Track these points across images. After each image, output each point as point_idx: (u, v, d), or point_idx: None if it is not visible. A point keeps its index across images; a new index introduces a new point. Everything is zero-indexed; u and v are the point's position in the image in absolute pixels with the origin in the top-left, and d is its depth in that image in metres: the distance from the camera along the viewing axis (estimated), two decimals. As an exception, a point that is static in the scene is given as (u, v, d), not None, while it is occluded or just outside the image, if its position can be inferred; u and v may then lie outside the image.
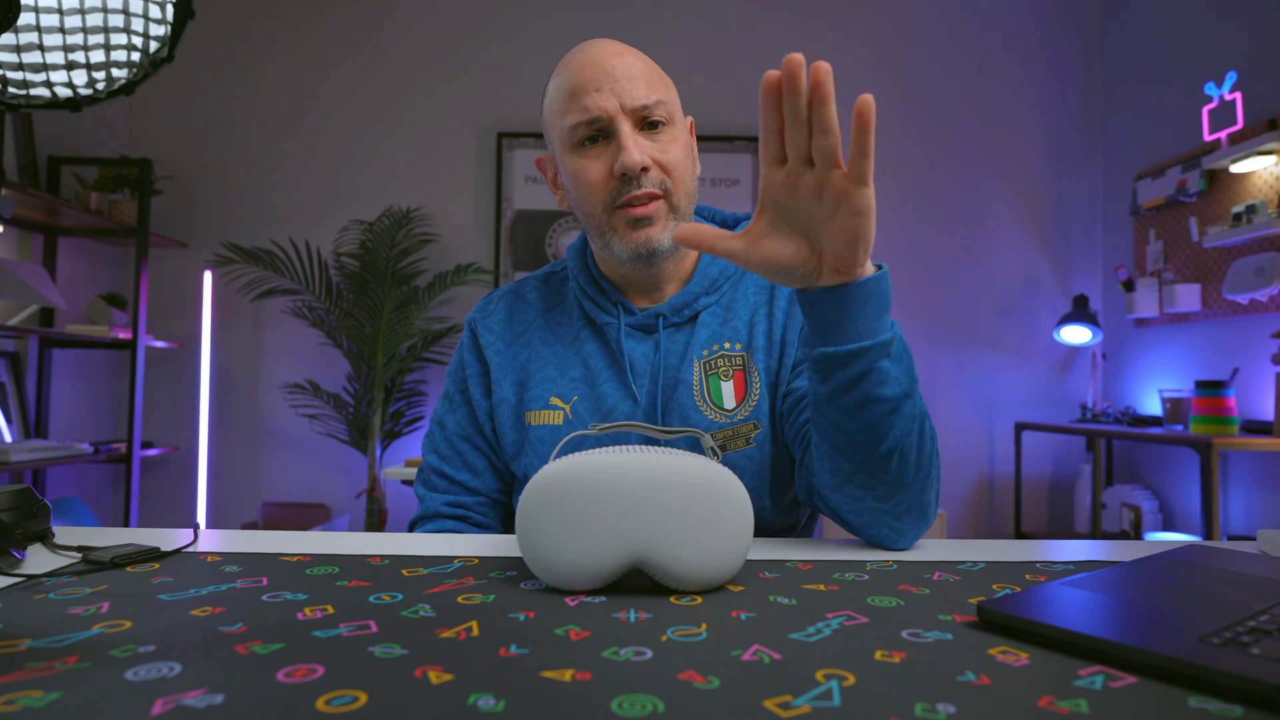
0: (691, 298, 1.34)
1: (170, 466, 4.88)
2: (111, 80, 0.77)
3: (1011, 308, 5.05)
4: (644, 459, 0.84)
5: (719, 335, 1.33)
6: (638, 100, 1.23)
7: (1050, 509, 5.05)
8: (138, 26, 0.76)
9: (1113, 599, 0.75)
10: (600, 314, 1.36)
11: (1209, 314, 4.11)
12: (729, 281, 1.37)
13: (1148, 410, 4.60)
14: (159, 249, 4.85)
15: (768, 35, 5.03)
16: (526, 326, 1.42)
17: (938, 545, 1.12)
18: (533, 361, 1.38)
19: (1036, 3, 5.16)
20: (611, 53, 1.26)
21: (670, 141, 1.26)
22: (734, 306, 1.35)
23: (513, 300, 1.46)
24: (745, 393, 1.29)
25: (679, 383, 1.29)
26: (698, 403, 1.28)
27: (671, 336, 1.34)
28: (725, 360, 1.31)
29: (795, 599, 0.82)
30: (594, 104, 1.23)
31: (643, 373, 1.32)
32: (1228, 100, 3.98)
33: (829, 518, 1.16)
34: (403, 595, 0.82)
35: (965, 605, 0.80)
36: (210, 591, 0.82)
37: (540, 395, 1.34)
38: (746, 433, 1.27)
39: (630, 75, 1.24)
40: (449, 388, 1.46)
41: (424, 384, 4.85)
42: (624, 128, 1.22)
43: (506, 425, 1.37)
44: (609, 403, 1.30)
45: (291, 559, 0.98)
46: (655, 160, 1.24)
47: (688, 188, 1.28)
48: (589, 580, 0.83)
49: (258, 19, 4.98)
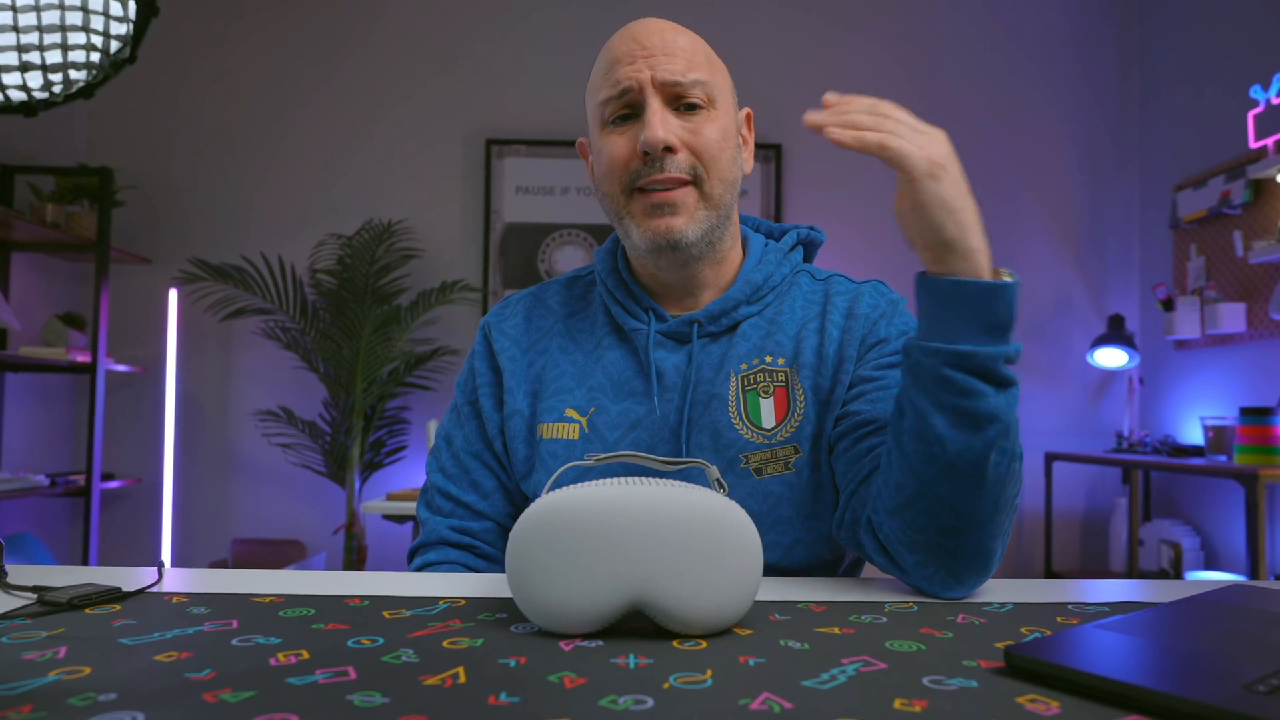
0: (731, 305, 1.32)
1: (133, 500, 4.87)
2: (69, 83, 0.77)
3: (1041, 329, 5.06)
4: (644, 491, 0.84)
5: (761, 349, 1.30)
6: (670, 75, 1.22)
7: (1083, 546, 5.04)
8: (97, 25, 0.76)
9: (1151, 643, 0.75)
10: (629, 320, 1.34)
11: (1255, 335, 4.12)
12: (774, 292, 1.36)
13: (1188, 439, 4.60)
14: (120, 265, 4.86)
15: (780, 37, 5.06)
16: (545, 333, 1.40)
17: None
18: (549, 370, 1.36)
19: (1068, 1, 5.19)
20: (654, 28, 1.26)
21: (707, 122, 1.25)
22: (779, 319, 1.33)
23: (532, 304, 1.45)
24: (787, 412, 1.27)
25: (713, 397, 1.27)
26: (732, 419, 1.26)
27: (706, 348, 1.32)
28: (766, 375, 1.28)
29: (808, 643, 0.82)
30: (625, 75, 1.23)
31: (672, 385, 1.30)
32: (1275, 104, 3.99)
33: (873, 556, 1.13)
34: (384, 639, 0.81)
35: (991, 650, 0.80)
36: (176, 635, 0.82)
37: (555, 407, 1.32)
38: (785, 456, 1.25)
39: (668, 50, 1.24)
40: (457, 400, 1.44)
41: (407, 411, 4.85)
42: (652, 102, 1.22)
43: (518, 440, 1.34)
44: (631, 417, 1.29)
45: (263, 600, 0.98)
46: (686, 142, 1.23)
47: (725, 176, 1.27)
48: (585, 623, 0.83)
49: (228, 17, 5.02)
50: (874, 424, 1.20)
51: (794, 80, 5.04)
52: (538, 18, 5.06)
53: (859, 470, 1.19)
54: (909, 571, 1.07)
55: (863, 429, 1.21)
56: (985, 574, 1.06)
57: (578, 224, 4.93)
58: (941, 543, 1.03)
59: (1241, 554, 4.22)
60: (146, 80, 4.96)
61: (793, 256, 1.40)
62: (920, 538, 1.04)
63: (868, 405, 1.23)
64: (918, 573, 1.06)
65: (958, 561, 1.03)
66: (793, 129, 5.00)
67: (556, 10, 5.06)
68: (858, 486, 1.18)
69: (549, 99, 5.01)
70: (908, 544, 1.06)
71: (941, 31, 5.09)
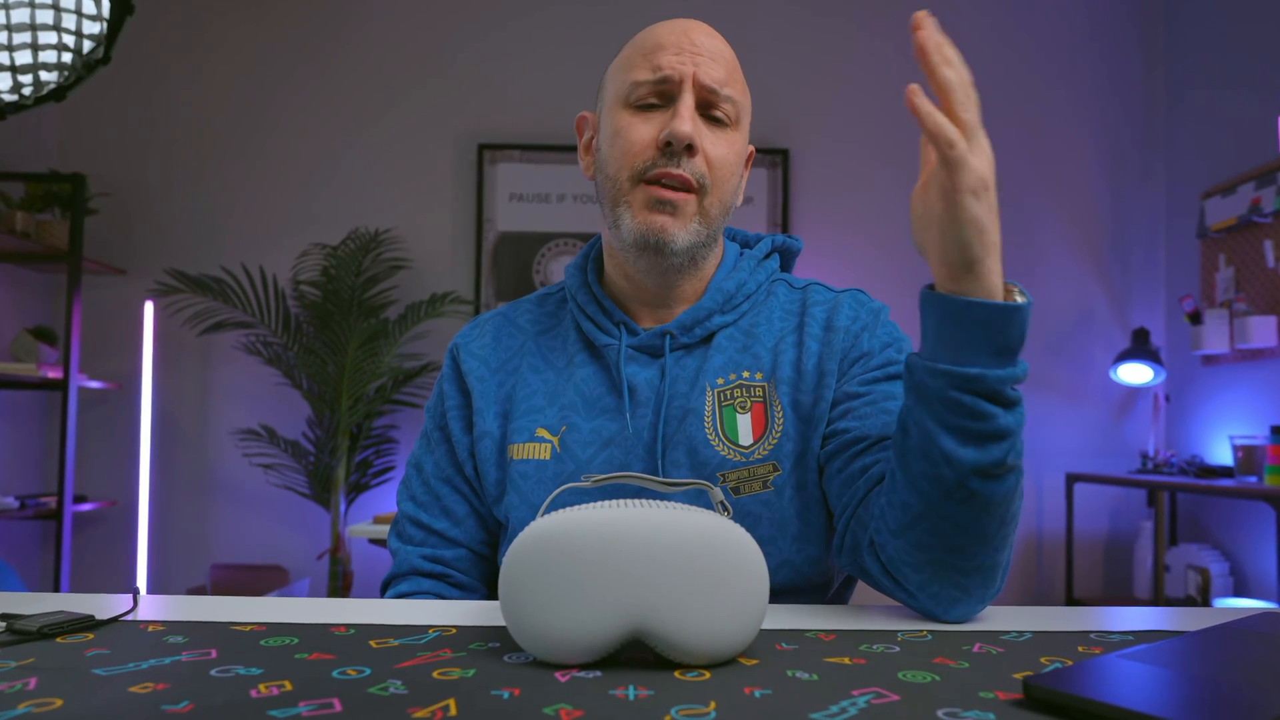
0: (704, 314, 1.34)
1: (106, 523, 4.87)
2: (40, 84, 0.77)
3: (1062, 344, 5.07)
4: (644, 514, 0.84)
5: (737, 362, 1.32)
6: (712, 81, 1.26)
7: (1106, 572, 5.03)
8: (69, 24, 0.76)
9: (1177, 674, 0.75)
10: (600, 335, 1.36)
11: (1286, 350, 4.12)
12: (749, 301, 1.38)
13: (1217, 460, 4.60)
14: (94, 276, 4.87)
15: (788, 36, 5.07)
16: (515, 352, 1.43)
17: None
18: (519, 390, 1.38)
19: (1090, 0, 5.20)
20: (705, 30, 1.31)
21: (725, 141, 1.29)
22: (755, 331, 1.35)
23: (501, 323, 1.47)
24: (765, 429, 1.28)
25: (688, 412, 1.29)
26: (708, 435, 1.27)
27: (680, 361, 1.34)
28: (743, 390, 1.30)
29: (816, 674, 0.82)
30: (669, 64, 1.26)
31: (645, 400, 1.32)
32: (1304, 108, 4.00)
33: (879, 580, 1.13)
34: (370, 669, 0.82)
35: (1009, 681, 0.80)
36: (152, 665, 0.82)
37: (525, 427, 1.34)
38: (764, 475, 1.26)
39: (715, 56, 1.28)
40: (427, 426, 1.46)
41: (395, 429, 4.85)
42: (687, 99, 1.25)
43: (489, 463, 1.36)
44: (604, 434, 1.31)
45: (244, 628, 0.98)
46: (705, 149, 1.26)
47: (724, 198, 1.30)
48: (582, 652, 0.83)
49: (206, 15, 5.03)
50: (865, 441, 1.22)
51: (802, 82, 5.06)
52: (534, 16, 5.07)
53: (855, 491, 1.20)
54: (914, 593, 1.08)
55: (854, 447, 1.23)
56: (992, 586, 1.07)
57: (574, 233, 4.94)
58: (948, 560, 1.05)
59: (1273, 580, 4.21)
60: (121, 82, 4.98)
61: (768, 264, 1.43)
62: (926, 556, 1.05)
63: (857, 422, 1.24)
64: (923, 592, 1.07)
65: (965, 576, 1.05)
66: (801, 133, 5.02)
67: (553, 8, 5.07)
68: (856, 508, 1.19)
69: (545, 101, 5.02)
70: (913, 563, 1.07)
71: (957, 30, 5.10)
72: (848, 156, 5.03)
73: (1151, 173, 5.17)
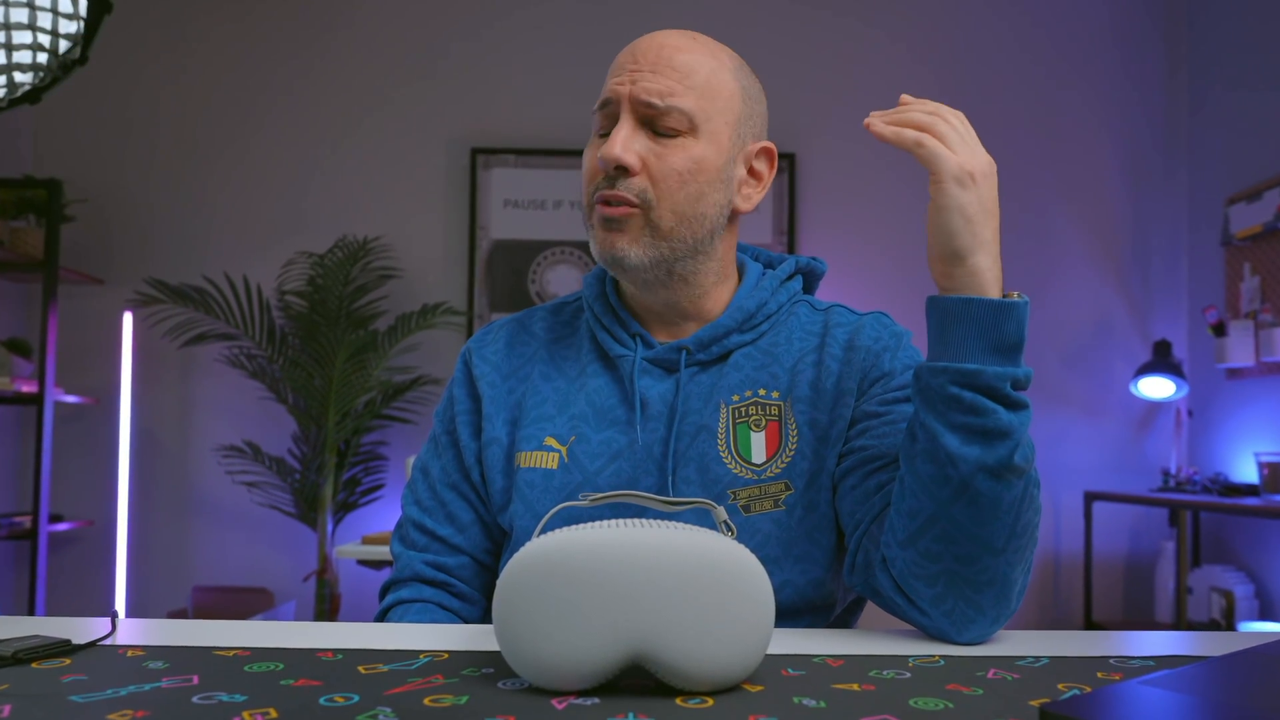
0: (722, 332, 1.35)
1: (83, 544, 4.86)
2: (14, 86, 0.78)
3: (1080, 356, 5.07)
4: (644, 534, 0.84)
5: (754, 380, 1.34)
6: (646, 95, 1.26)
7: (1126, 594, 5.03)
8: (45, 23, 0.76)
9: (1200, 701, 0.75)
10: (615, 346, 1.38)
11: (1314, 362, 4.12)
12: (769, 320, 1.39)
13: (1242, 477, 4.59)
14: (70, 286, 4.87)
15: (795, 37, 5.08)
16: (528, 359, 1.45)
17: (993, 637, 1.13)
18: (530, 397, 1.40)
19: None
20: (656, 43, 1.30)
21: (675, 150, 1.27)
22: (774, 351, 1.37)
23: (515, 330, 1.49)
24: (778, 447, 1.30)
25: (701, 429, 1.31)
26: (720, 453, 1.29)
27: (695, 377, 1.36)
28: (758, 408, 1.32)
29: (824, 701, 0.82)
30: (610, 87, 1.29)
31: (657, 414, 1.33)
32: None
33: (891, 599, 1.15)
34: (359, 696, 0.82)
35: (1025, 709, 0.80)
36: (131, 692, 0.82)
37: (534, 435, 1.36)
38: (775, 493, 1.28)
39: (659, 68, 1.27)
40: (435, 430, 1.48)
41: (384, 446, 4.85)
42: (624, 119, 1.27)
43: (496, 470, 1.38)
44: (613, 447, 1.32)
45: (227, 653, 0.98)
46: (648, 165, 1.27)
47: (680, 208, 1.28)
48: (580, 679, 0.83)
49: (187, 15, 5.04)
50: (882, 459, 1.24)
51: (810, 84, 5.07)
52: (527, 15, 5.07)
53: (870, 508, 1.23)
54: (926, 610, 1.11)
55: (870, 465, 1.25)
56: (1006, 604, 1.09)
57: (571, 241, 4.94)
58: (958, 571, 1.07)
59: (1302, 603, 4.22)
60: (98, 83, 4.98)
61: (790, 285, 1.44)
62: (936, 567, 1.08)
63: (874, 440, 1.27)
64: (936, 609, 1.09)
65: (977, 591, 1.07)
66: (808, 137, 5.03)
67: (547, 7, 5.08)
68: (869, 525, 1.22)
69: (540, 104, 5.03)
70: (923, 576, 1.09)
71: (972, 32, 5.11)
72: (855, 161, 5.04)
73: (1173, 178, 5.18)
